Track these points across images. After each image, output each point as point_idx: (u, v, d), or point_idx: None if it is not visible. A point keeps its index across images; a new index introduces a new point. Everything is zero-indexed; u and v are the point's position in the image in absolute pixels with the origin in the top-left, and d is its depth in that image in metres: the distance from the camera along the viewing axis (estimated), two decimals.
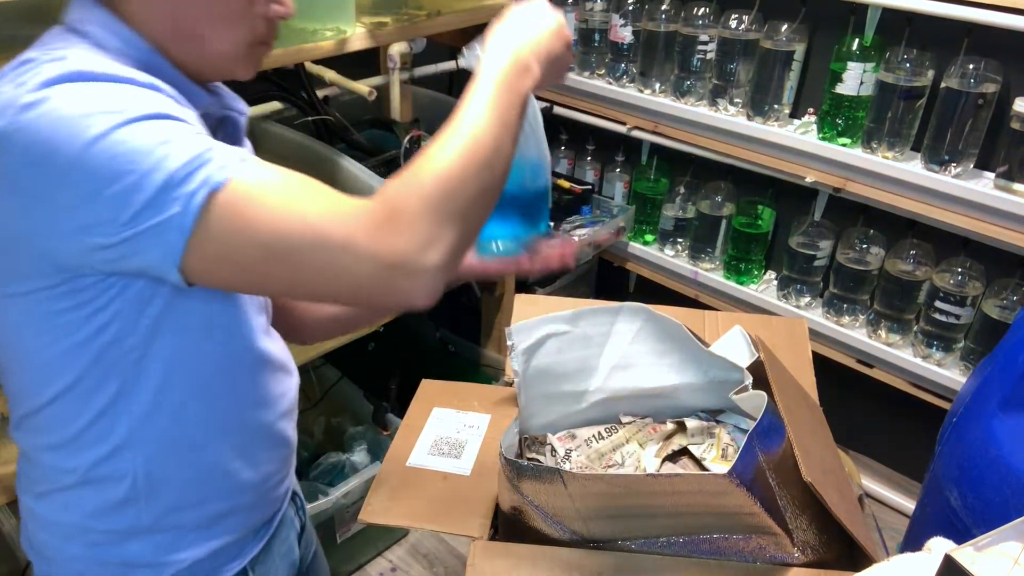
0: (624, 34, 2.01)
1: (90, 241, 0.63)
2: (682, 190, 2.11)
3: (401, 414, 1.22)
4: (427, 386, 1.24)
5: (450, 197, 0.64)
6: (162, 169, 0.61)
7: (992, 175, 1.58)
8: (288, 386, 0.89)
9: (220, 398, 0.79)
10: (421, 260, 0.63)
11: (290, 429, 0.90)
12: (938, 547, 0.71)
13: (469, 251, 0.70)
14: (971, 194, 1.55)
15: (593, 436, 1.05)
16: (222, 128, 0.80)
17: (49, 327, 0.70)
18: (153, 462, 0.77)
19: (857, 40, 1.67)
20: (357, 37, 1.48)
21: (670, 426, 1.05)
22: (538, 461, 1.01)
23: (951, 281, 1.68)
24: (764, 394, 0.90)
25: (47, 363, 0.72)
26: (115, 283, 0.68)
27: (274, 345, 0.86)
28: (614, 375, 1.04)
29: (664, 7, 1.94)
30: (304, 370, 1.98)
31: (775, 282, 2.03)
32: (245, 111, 0.84)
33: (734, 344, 1.06)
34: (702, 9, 1.88)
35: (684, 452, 1.02)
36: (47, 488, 0.79)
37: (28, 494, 0.82)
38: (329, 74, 1.74)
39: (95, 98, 0.62)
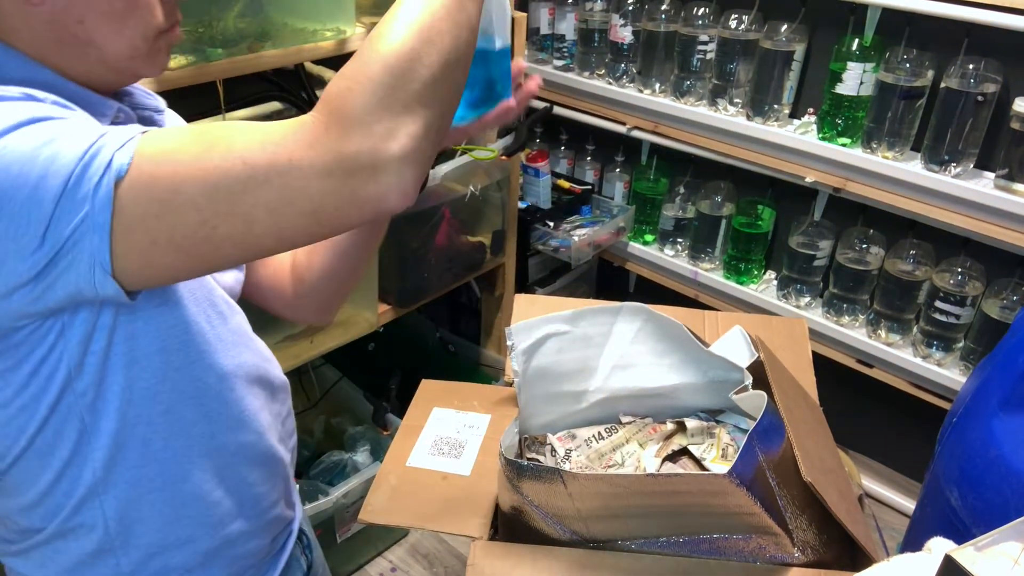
0: (624, 34, 2.01)
1: (2, 285, 0.56)
2: (682, 190, 2.11)
3: (401, 414, 1.22)
4: (427, 386, 1.24)
5: (405, 79, 0.55)
6: (55, 173, 0.53)
7: (992, 175, 1.58)
8: (269, 399, 0.83)
9: (188, 427, 0.73)
10: (382, 155, 0.55)
11: (277, 445, 0.84)
12: (938, 547, 0.71)
13: (442, 135, 0.60)
14: (971, 194, 1.55)
15: (593, 436, 1.05)
16: None
17: None
18: (125, 506, 0.72)
19: (857, 40, 1.67)
20: (357, 37, 1.48)
21: (670, 426, 1.05)
22: (538, 461, 1.01)
23: (951, 281, 1.68)
24: (764, 394, 0.90)
25: (1, 426, 0.66)
26: (52, 327, 0.61)
27: (246, 355, 0.79)
28: (614, 375, 1.04)
29: (664, 7, 1.94)
30: (304, 370, 1.99)
31: (775, 282, 2.03)
32: (162, 107, 0.76)
33: (734, 344, 1.05)
34: (702, 9, 1.88)
35: (684, 452, 1.02)
36: (23, 547, 0.75)
37: (6, 554, 0.77)
38: (329, 74, 1.74)
39: None
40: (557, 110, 2.21)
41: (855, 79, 1.67)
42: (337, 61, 1.57)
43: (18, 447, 0.67)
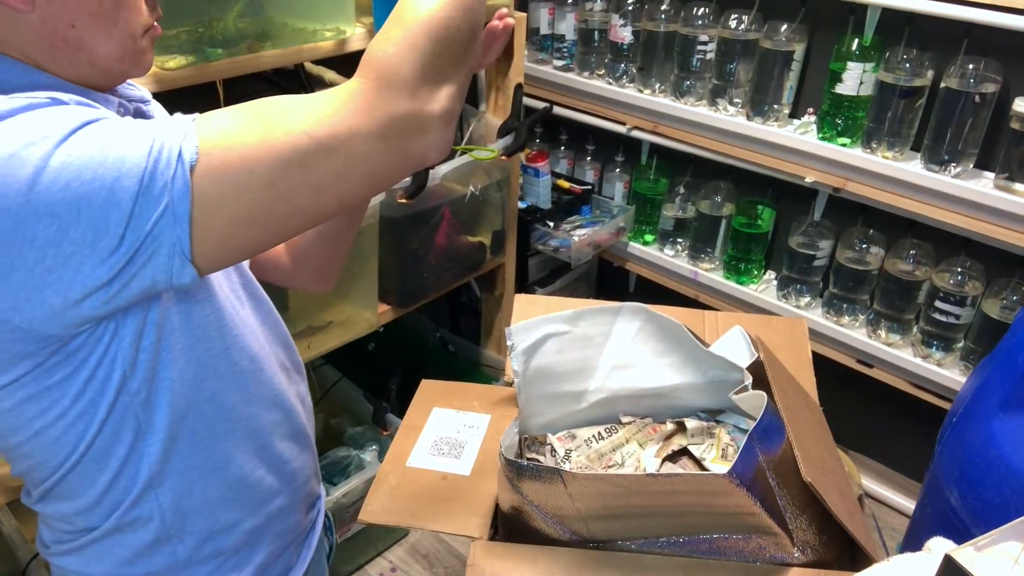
0: (624, 34, 2.01)
1: (77, 291, 0.56)
2: (682, 190, 2.11)
3: (401, 414, 1.22)
4: (427, 386, 1.24)
5: (445, 46, 0.60)
6: (128, 173, 0.54)
7: (992, 175, 1.58)
8: (289, 379, 0.86)
9: (230, 411, 0.76)
10: (427, 116, 0.60)
11: (305, 419, 0.88)
12: (938, 547, 0.71)
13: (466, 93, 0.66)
14: (971, 194, 1.55)
15: (593, 436, 1.05)
16: None
17: (51, 403, 0.64)
18: (178, 496, 0.74)
19: (857, 40, 1.67)
20: (357, 37, 1.48)
21: (670, 426, 1.05)
22: (538, 461, 1.01)
23: (951, 281, 1.68)
24: (764, 394, 0.90)
25: (60, 436, 0.67)
26: (106, 328, 0.62)
27: (265, 337, 0.82)
28: (614, 375, 1.04)
29: (664, 7, 1.94)
30: None
31: (775, 282, 2.03)
32: (148, 97, 0.76)
33: (734, 344, 1.05)
34: (702, 9, 1.88)
35: (684, 452, 1.02)
36: (76, 545, 0.76)
37: (55, 555, 0.78)
38: (329, 74, 1.74)
39: (8, 136, 0.54)
40: (557, 110, 2.21)
41: (855, 79, 1.67)
42: (337, 61, 1.57)
43: (77, 453, 0.68)
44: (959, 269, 1.68)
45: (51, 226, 0.54)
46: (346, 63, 1.66)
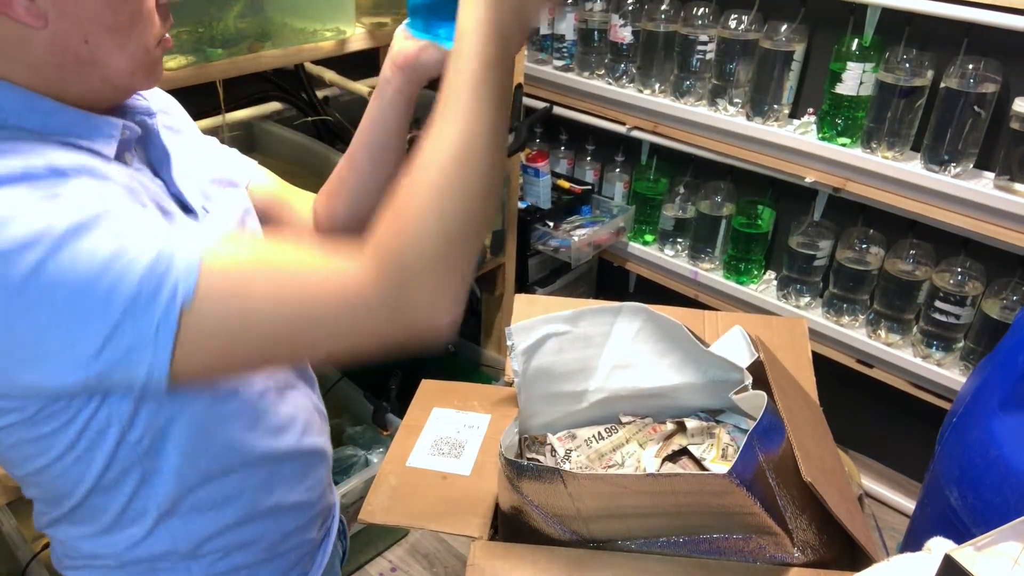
0: (624, 34, 2.01)
1: (52, 385, 0.56)
2: (682, 190, 2.11)
3: (401, 414, 1.22)
4: (427, 386, 1.24)
5: (458, 241, 0.57)
6: (119, 296, 0.53)
7: (992, 175, 1.58)
8: (302, 398, 0.84)
9: (241, 446, 0.75)
10: (439, 304, 0.58)
11: (317, 437, 0.87)
12: (938, 547, 0.71)
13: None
14: (971, 194, 1.55)
15: (593, 436, 1.05)
16: (141, 144, 0.71)
17: (46, 448, 0.64)
18: (191, 525, 0.74)
19: (857, 40, 1.67)
20: (357, 37, 1.48)
21: (670, 426, 1.05)
22: (538, 461, 1.01)
23: (951, 281, 1.68)
24: (764, 394, 0.90)
25: (62, 474, 0.67)
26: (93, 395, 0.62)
27: None
28: (614, 375, 1.04)
29: (664, 7, 1.95)
30: None
31: (775, 282, 2.03)
32: (153, 110, 0.73)
33: (734, 344, 1.05)
34: (702, 9, 1.88)
35: (684, 452, 1.02)
36: (90, 564, 0.76)
37: (69, 569, 0.79)
38: (329, 74, 1.74)
39: (1, 225, 0.51)
40: (557, 110, 2.21)
41: (855, 79, 1.67)
42: (337, 61, 1.57)
43: (81, 489, 0.68)
44: (959, 269, 1.68)
45: (30, 327, 0.53)
46: (346, 63, 1.66)
